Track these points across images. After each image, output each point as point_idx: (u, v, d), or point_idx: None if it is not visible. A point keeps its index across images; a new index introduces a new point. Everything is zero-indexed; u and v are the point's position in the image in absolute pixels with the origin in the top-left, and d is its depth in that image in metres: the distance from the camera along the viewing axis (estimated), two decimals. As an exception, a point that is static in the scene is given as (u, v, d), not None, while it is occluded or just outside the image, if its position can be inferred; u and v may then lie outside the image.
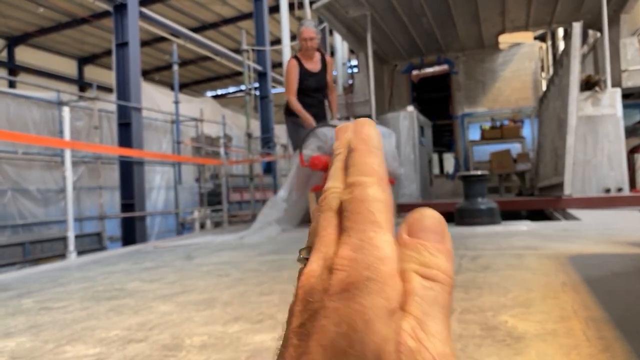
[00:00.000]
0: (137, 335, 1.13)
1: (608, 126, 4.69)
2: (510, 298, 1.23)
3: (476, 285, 1.40)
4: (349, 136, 0.23)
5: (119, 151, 8.08)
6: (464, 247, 2.24)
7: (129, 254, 3.09)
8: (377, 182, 0.20)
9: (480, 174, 3.43)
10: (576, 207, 4.16)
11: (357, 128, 0.23)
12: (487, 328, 0.99)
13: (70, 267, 2.72)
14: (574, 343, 0.88)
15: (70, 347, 1.08)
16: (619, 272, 1.49)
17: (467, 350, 0.87)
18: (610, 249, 1.96)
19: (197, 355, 0.97)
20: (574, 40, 4.12)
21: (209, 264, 2.25)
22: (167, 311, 1.35)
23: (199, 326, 1.17)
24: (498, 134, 6.87)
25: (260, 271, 1.93)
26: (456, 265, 1.72)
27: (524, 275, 1.51)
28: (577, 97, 4.07)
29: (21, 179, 7.94)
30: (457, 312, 1.12)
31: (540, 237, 2.44)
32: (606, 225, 2.89)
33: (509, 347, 0.88)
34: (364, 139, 0.22)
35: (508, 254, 1.94)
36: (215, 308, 1.35)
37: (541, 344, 0.88)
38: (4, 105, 7.76)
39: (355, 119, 0.24)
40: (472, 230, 3.03)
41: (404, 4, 5.88)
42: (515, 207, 5.02)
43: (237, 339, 1.04)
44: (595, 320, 1.01)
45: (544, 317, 1.05)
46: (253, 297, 1.44)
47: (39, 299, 1.70)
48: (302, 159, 3.87)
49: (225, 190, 7.39)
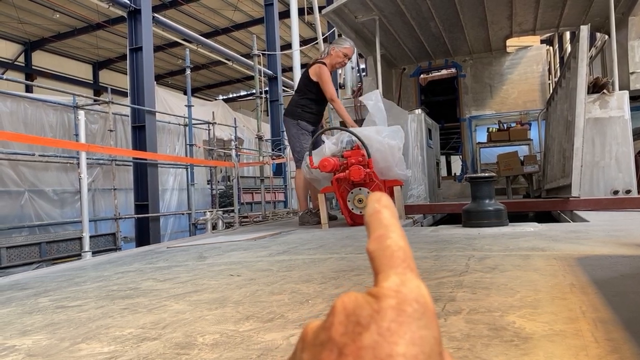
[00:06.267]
0: (150, 334, 1.13)
1: (616, 128, 4.67)
2: (517, 299, 1.21)
3: (483, 285, 1.38)
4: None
5: (133, 153, 8.22)
6: (471, 248, 2.21)
7: (143, 254, 3.09)
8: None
9: (487, 176, 3.42)
10: (584, 208, 4.12)
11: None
12: (495, 328, 0.98)
13: (86, 266, 2.72)
14: (582, 344, 0.86)
15: (85, 345, 1.08)
16: (627, 273, 1.46)
17: (474, 350, 0.86)
18: (618, 250, 1.91)
19: (209, 353, 0.96)
20: (582, 43, 4.12)
21: (220, 264, 2.25)
22: (180, 310, 1.35)
23: (211, 325, 1.16)
24: (505, 136, 6.87)
25: (270, 271, 1.93)
26: (463, 266, 1.72)
27: (532, 276, 1.48)
28: (585, 100, 4.07)
29: (38, 180, 8.05)
30: (465, 312, 1.11)
31: (548, 239, 2.39)
32: (614, 227, 2.82)
33: (517, 347, 0.86)
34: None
35: (515, 255, 1.91)
36: (227, 307, 1.34)
37: (549, 345, 0.87)
38: (22, 108, 7.91)
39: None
40: (479, 231, 3.00)
41: (413, 8, 5.93)
42: (522, 208, 5.03)
43: (248, 338, 1.03)
44: (603, 321, 0.99)
45: (552, 318, 1.03)
46: (264, 297, 1.44)
47: (55, 298, 1.71)
48: (311, 161, 3.94)
49: (236, 191, 7.48)
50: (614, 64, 4.93)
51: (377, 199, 0.25)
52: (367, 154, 3.78)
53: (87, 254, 3.97)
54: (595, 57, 7.01)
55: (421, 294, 0.21)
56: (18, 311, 1.54)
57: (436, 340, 0.20)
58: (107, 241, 7.94)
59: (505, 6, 6.08)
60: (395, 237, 0.23)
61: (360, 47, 6.91)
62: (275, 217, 8.20)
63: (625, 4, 5.63)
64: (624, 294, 1.24)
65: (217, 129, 12.11)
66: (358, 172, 3.70)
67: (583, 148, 3.97)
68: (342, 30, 6.22)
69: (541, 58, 7.63)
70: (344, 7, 5.63)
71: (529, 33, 7.13)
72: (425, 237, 2.80)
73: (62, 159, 8.36)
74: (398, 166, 3.84)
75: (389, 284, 0.21)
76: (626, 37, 5.65)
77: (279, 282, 1.68)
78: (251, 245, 3.02)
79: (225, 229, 6.69)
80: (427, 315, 0.21)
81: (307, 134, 4.48)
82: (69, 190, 8.57)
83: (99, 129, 9.13)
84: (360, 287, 1.52)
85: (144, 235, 8.20)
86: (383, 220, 0.24)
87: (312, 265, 2.01)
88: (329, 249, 2.52)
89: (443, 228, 3.43)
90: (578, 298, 1.20)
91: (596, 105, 4.70)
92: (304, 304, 1.31)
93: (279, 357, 0.91)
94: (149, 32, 8.57)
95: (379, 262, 0.22)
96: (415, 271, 0.22)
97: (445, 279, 1.50)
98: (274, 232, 3.82)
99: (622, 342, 0.87)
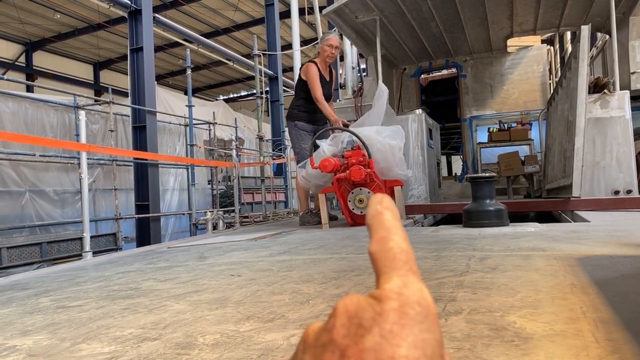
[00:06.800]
0: (151, 334, 1.13)
1: (617, 128, 4.67)
2: (518, 299, 1.21)
3: (484, 286, 1.39)
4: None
5: (134, 154, 8.22)
6: (472, 248, 2.21)
7: (144, 254, 3.09)
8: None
9: (488, 176, 3.42)
10: (585, 209, 4.11)
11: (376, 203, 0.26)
12: (496, 328, 0.98)
13: (87, 266, 2.72)
14: (582, 344, 0.86)
15: (86, 345, 1.08)
16: (628, 274, 1.46)
17: (475, 350, 0.86)
18: (619, 250, 1.91)
19: (209, 353, 0.96)
20: (583, 43, 4.12)
21: (221, 264, 2.25)
22: (181, 310, 1.35)
23: (211, 325, 1.16)
24: (506, 137, 6.87)
25: (271, 271, 1.93)
26: (464, 266, 1.72)
27: (532, 277, 1.48)
28: (586, 100, 4.06)
29: (38, 180, 8.06)
30: (466, 313, 1.11)
31: (549, 239, 2.38)
32: (615, 227, 2.82)
33: (518, 347, 0.86)
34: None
35: (516, 255, 1.91)
36: (227, 307, 1.34)
37: (550, 345, 0.87)
38: (22, 109, 7.92)
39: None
40: (480, 231, 3.00)
41: (413, 8, 5.93)
42: (523, 208, 5.03)
43: (248, 338, 1.04)
44: (604, 321, 0.99)
45: (553, 318, 1.03)
46: (264, 297, 1.44)
47: (55, 298, 1.71)
48: (312, 161, 3.95)
49: (237, 191, 7.48)
50: (615, 63, 4.93)
51: (379, 201, 0.25)
52: (367, 154, 3.78)
53: (88, 254, 3.98)
54: (596, 57, 7.01)
55: (423, 297, 0.21)
56: (19, 311, 1.54)
57: (438, 343, 0.20)
58: (107, 241, 7.94)
59: (506, 6, 6.08)
60: (398, 239, 0.23)
61: (361, 47, 6.92)
62: (276, 217, 8.20)
63: (626, 3, 5.63)
64: (624, 294, 1.24)
65: (218, 129, 12.13)
66: (359, 172, 3.70)
67: (584, 148, 3.96)
68: (343, 30, 6.22)
69: (542, 58, 7.63)
70: (344, 7, 5.63)
71: (530, 33, 7.13)
72: (425, 237, 2.80)
73: (63, 159, 8.37)
74: (399, 166, 3.84)
75: (391, 286, 0.21)
76: (627, 37, 5.65)
77: (279, 282, 1.68)
78: (252, 246, 3.03)
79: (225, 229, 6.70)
80: (429, 318, 0.21)
81: (306, 134, 4.52)
82: (69, 191, 8.58)
83: (99, 129, 9.14)
84: (360, 287, 1.52)
85: (145, 236, 8.21)
86: (385, 222, 0.24)
87: (312, 265, 2.01)
88: (329, 249, 2.52)
89: (444, 228, 3.43)
90: (579, 298, 1.20)
91: (597, 105, 4.70)
92: (305, 304, 1.31)
93: (280, 358, 0.91)
94: (150, 32, 8.58)
95: (381, 264, 0.23)
96: (417, 274, 0.22)
97: (446, 279, 1.50)
98: (274, 232, 3.82)
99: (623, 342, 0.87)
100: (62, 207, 8.46)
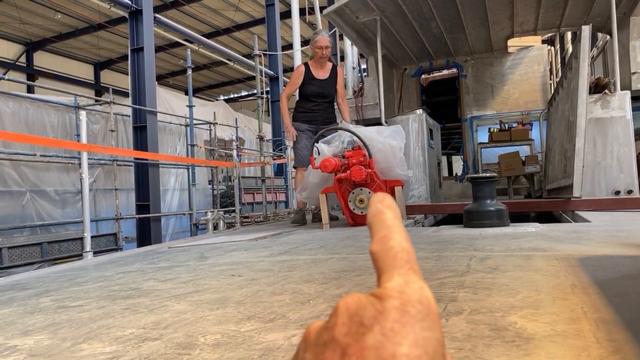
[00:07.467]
0: (152, 334, 1.13)
1: (618, 128, 4.67)
2: (519, 299, 1.21)
3: (485, 286, 1.38)
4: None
5: (135, 154, 8.23)
6: (472, 248, 2.21)
7: (144, 254, 3.09)
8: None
9: (488, 176, 3.42)
10: (585, 209, 4.11)
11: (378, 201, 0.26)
12: (497, 329, 0.98)
13: (87, 266, 2.72)
14: (583, 345, 0.86)
15: (87, 345, 1.08)
16: (629, 274, 1.46)
17: (476, 351, 0.86)
18: (620, 251, 1.90)
19: (210, 353, 0.96)
20: (583, 43, 4.12)
21: (222, 264, 2.25)
22: (181, 310, 1.35)
23: (212, 325, 1.16)
24: (507, 137, 6.87)
25: (272, 271, 1.93)
26: (465, 266, 1.72)
27: (533, 277, 1.47)
28: (587, 100, 4.06)
29: (39, 180, 8.07)
30: (466, 313, 1.11)
31: (549, 239, 2.38)
32: (616, 227, 2.82)
33: (519, 347, 0.86)
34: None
35: (517, 256, 1.91)
36: (228, 307, 1.34)
37: (551, 345, 0.86)
38: (23, 109, 7.93)
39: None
40: (480, 231, 3.00)
41: (414, 8, 5.93)
42: (523, 209, 5.03)
43: (249, 338, 1.04)
44: (605, 322, 0.99)
45: (554, 318, 1.03)
46: (265, 297, 1.44)
47: (56, 298, 1.71)
48: (312, 161, 3.95)
49: (237, 191, 7.49)
50: (616, 64, 4.93)
51: (380, 200, 0.25)
52: (368, 154, 3.78)
53: (89, 254, 3.98)
54: (596, 57, 7.00)
55: (424, 296, 0.21)
56: (20, 311, 1.54)
57: (439, 342, 0.20)
58: (108, 241, 7.96)
59: (507, 6, 6.08)
60: (399, 238, 0.23)
61: (362, 47, 6.92)
62: (277, 217, 8.20)
63: (627, 4, 5.62)
64: (625, 295, 1.24)
65: (219, 129, 12.14)
66: (359, 172, 3.71)
67: (584, 148, 3.96)
68: (343, 31, 6.22)
69: (542, 58, 7.63)
70: (345, 8, 5.64)
71: (530, 33, 7.13)
72: (426, 238, 2.80)
73: (63, 159, 8.38)
74: (399, 166, 3.84)
75: (392, 285, 0.21)
76: (628, 37, 5.64)
77: (280, 282, 1.68)
78: (252, 246, 3.02)
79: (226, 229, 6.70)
80: (430, 317, 0.21)
81: (304, 134, 4.56)
82: (70, 191, 8.59)
83: (100, 129, 9.15)
84: (361, 287, 1.51)
85: (145, 236, 8.22)
86: (386, 221, 0.24)
87: (313, 265, 2.01)
88: (330, 249, 2.52)
89: (444, 228, 3.43)
90: (579, 298, 1.20)
91: (598, 105, 4.70)
92: (306, 304, 1.31)
93: (281, 358, 0.91)
94: (150, 33, 8.59)
95: (382, 263, 0.22)
96: (418, 272, 0.22)
97: (447, 279, 1.50)
98: (275, 233, 3.82)
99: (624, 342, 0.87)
100: (62, 207, 8.47)
